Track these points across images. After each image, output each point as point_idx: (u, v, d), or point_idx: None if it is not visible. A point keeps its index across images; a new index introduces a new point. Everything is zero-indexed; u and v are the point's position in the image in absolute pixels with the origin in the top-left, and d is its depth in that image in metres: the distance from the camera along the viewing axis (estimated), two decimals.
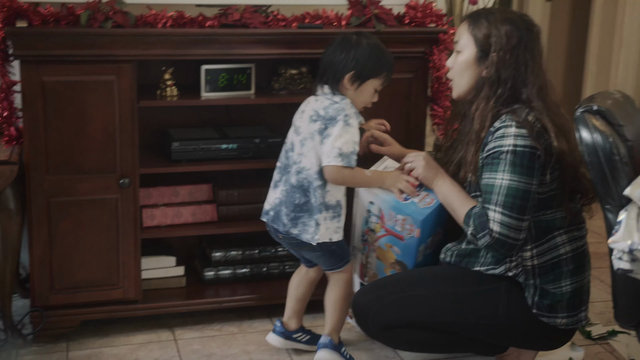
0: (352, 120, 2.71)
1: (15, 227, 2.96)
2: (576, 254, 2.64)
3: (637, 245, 2.06)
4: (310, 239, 2.76)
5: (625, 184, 2.20)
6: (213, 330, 3.20)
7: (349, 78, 2.73)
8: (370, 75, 2.75)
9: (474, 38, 2.61)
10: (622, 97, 2.51)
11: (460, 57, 2.65)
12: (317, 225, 2.75)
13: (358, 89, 2.76)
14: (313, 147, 2.73)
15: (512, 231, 2.48)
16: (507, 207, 2.48)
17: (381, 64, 2.76)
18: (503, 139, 2.50)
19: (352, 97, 2.77)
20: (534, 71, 2.57)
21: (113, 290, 3.10)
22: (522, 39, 2.56)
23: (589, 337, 3.21)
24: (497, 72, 2.56)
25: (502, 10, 2.66)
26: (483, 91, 2.60)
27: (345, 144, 2.68)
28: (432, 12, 3.28)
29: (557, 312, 2.62)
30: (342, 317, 2.92)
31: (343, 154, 2.67)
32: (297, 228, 2.78)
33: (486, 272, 2.66)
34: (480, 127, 2.58)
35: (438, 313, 2.66)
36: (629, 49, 4.89)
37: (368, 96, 2.80)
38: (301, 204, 2.76)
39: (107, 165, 2.99)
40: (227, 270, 3.36)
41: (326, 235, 2.76)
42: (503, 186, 2.49)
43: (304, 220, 2.76)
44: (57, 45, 2.85)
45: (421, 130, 3.29)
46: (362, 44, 2.74)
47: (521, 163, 2.48)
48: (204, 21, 3.03)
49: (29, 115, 2.88)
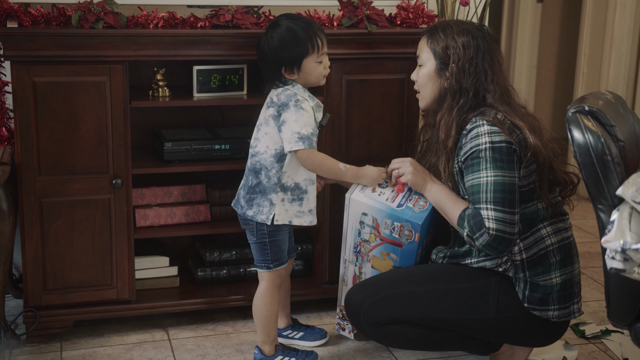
0: (304, 104, 2.74)
1: (7, 227, 2.95)
2: (562, 245, 2.67)
3: (630, 245, 2.07)
4: (265, 219, 2.77)
5: (617, 184, 2.21)
6: (207, 330, 3.20)
7: (284, 72, 2.77)
8: (299, 57, 2.76)
9: (432, 51, 2.70)
10: (614, 98, 2.52)
11: (422, 71, 2.74)
12: (271, 205, 2.77)
13: (300, 72, 2.78)
14: (267, 132, 2.77)
15: (507, 226, 2.51)
16: (497, 202, 2.51)
17: (302, 42, 2.75)
18: (478, 138, 2.55)
19: (303, 81, 2.80)
20: (494, 79, 2.65)
21: (106, 290, 3.10)
22: (479, 49, 2.65)
23: (583, 336, 3.22)
24: (458, 82, 2.65)
25: (459, 23, 2.72)
26: (446, 101, 2.68)
27: (303, 127, 2.71)
28: (423, 13, 3.29)
29: (549, 304, 2.65)
30: (266, 327, 2.88)
31: (302, 136, 2.70)
32: (252, 209, 2.80)
33: (476, 264, 2.69)
34: (445, 137, 2.65)
35: (429, 309, 2.67)
36: (620, 49, 4.91)
37: (315, 71, 2.80)
38: (254, 186, 2.79)
39: (99, 166, 2.99)
40: (221, 270, 3.36)
41: (285, 217, 2.79)
42: (489, 183, 2.52)
43: (257, 201, 2.79)
44: (48, 46, 2.84)
45: (413, 131, 3.30)
46: (274, 36, 2.75)
47: (501, 158, 2.53)
48: (196, 22, 3.03)
49: (21, 116, 2.87)
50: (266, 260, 2.85)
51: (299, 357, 2.91)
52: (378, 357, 3.05)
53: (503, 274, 2.66)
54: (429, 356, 3.04)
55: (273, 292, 2.87)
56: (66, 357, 3.00)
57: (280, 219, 2.78)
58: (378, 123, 3.24)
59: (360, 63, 3.18)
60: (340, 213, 3.25)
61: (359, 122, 3.22)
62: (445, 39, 2.67)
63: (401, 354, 3.06)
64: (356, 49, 3.15)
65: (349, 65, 3.16)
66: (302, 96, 2.76)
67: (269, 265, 2.85)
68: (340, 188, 3.14)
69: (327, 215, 3.27)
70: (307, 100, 2.77)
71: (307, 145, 2.71)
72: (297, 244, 3.41)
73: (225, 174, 3.43)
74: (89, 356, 3.00)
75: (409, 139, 3.30)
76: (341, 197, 3.03)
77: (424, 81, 2.74)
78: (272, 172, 2.76)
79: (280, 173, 2.76)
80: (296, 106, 2.72)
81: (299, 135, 2.70)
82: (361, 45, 3.15)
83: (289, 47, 2.74)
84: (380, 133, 3.26)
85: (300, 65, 2.77)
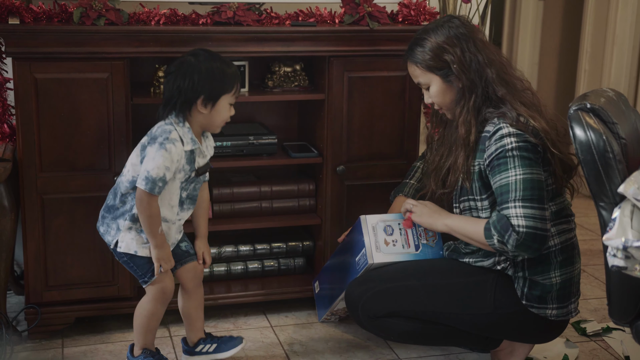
0: (170, 146, 2.57)
1: (9, 224, 2.95)
2: (565, 246, 2.66)
3: (631, 242, 2.07)
4: (110, 240, 2.71)
5: (619, 182, 2.21)
6: (208, 327, 3.20)
7: (201, 102, 2.62)
8: (222, 92, 2.65)
9: (427, 69, 2.65)
10: (615, 95, 2.52)
11: (432, 91, 2.68)
12: (117, 230, 2.69)
13: (213, 109, 2.64)
14: (131, 156, 2.67)
15: (538, 221, 2.48)
16: (527, 199, 2.48)
17: (229, 78, 2.66)
18: (503, 139, 2.53)
19: (209, 120, 2.66)
20: (486, 60, 2.62)
21: (108, 287, 3.10)
22: (460, 38, 2.62)
23: (584, 334, 3.22)
24: (467, 77, 2.61)
25: (427, 28, 2.68)
26: (462, 99, 2.64)
27: (155, 168, 2.56)
28: (425, 10, 3.29)
29: (547, 303, 2.65)
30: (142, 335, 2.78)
31: (148, 178, 2.56)
32: (102, 227, 2.73)
33: (474, 264, 2.69)
34: (466, 132, 2.63)
35: (427, 303, 2.68)
36: (622, 47, 4.90)
37: (225, 113, 2.68)
38: (109, 205, 2.71)
39: (100, 163, 2.99)
40: (222, 267, 3.36)
41: (129, 246, 2.68)
42: (518, 181, 2.50)
43: (107, 221, 2.71)
44: (49, 42, 2.84)
45: (415, 128, 3.30)
46: (202, 64, 2.63)
47: (529, 156, 2.52)
48: (197, 19, 3.03)
49: (22, 113, 2.87)
50: (140, 276, 2.72)
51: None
52: (379, 353, 3.05)
53: (501, 271, 2.67)
54: (430, 352, 3.05)
55: (152, 305, 2.74)
56: (67, 353, 3.00)
57: (124, 246, 2.68)
58: (379, 120, 3.24)
59: (362, 60, 3.17)
60: (340, 213, 3.26)
61: (360, 120, 3.22)
62: (429, 50, 2.63)
63: (401, 350, 3.06)
64: (358, 46, 3.14)
65: (351, 63, 3.16)
66: (179, 137, 2.61)
67: (144, 280, 2.72)
68: (341, 187, 3.15)
69: (328, 213, 3.27)
70: (182, 143, 2.61)
71: (148, 188, 2.55)
72: (298, 241, 3.41)
73: (226, 171, 3.43)
74: (90, 353, 3.00)
75: (411, 136, 3.30)
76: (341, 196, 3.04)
77: (441, 98, 2.68)
78: (128, 199, 2.67)
79: (133, 202, 2.65)
80: (161, 145, 2.57)
81: (146, 175, 2.55)
82: (363, 42, 3.15)
83: (217, 78, 2.62)
84: (382, 130, 3.25)
85: (217, 101, 2.64)
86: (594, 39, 5.07)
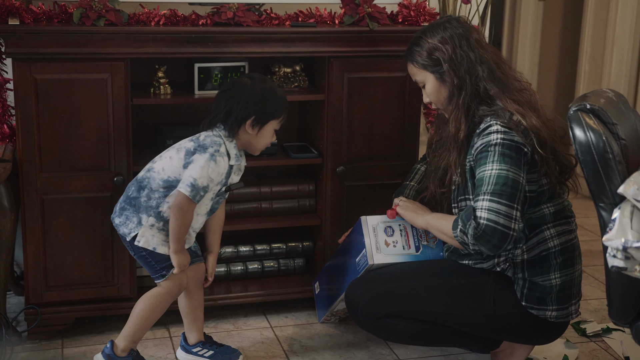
0: (220, 159, 2.67)
1: (9, 224, 2.95)
2: (565, 247, 2.66)
3: (631, 243, 2.07)
4: (126, 232, 2.71)
5: (618, 182, 2.21)
6: (208, 328, 3.20)
7: (250, 123, 2.72)
8: (271, 117, 2.75)
9: (422, 67, 2.70)
10: (615, 96, 2.52)
11: (427, 89, 2.72)
12: (138, 224, 2.70)
13: (259, 132, 2.74)
14: (172, 157, 2.70)
15: (501, 217, 2.45)
16: (495, 193, 2.47)
17: (279, 106, 2.76)
18: (490, 135, 2.54)
19: (253, 141, 2.76)
20: (478, 58, 2.63)
21: (107, 287, 3.10)
22: (453, 38, 2.64)
23: (584, 335, 3.22)
24: (457, 75, 2.63)
25: (426, 28, 2.72)
26: (454, 96, 2.66)
27: (202, 177, 2.63)
28: (425, 10, 3.29)
29: (547, 304, 2.65)
30: (137, 328, 2.78)
31: (194, 186, 2.62)
32: (120, 218, 2.74)
33: (474, 265, 2.70)
34: (455, 130, 2.64)
35: (427, 304, 2.68)
36: (622, 47, 4.90)
37: (268, 137, 2.78)
38: (132, 197, 2.72)
39: (100, 163, 2.99)
40: (222, 267, 3.36)
41: (149, 242, 2.70)
42: (492, 175, 2.50)
43: (127, 213, 2.72)
44: (49, 43, 2.84)
45: (415, 128, 3.30)
46: (257, 86, 2.73)
47: (510, 154, 2.51)
48: (197, 19, 3.03)
49: (22, 113, 2.87)
50: (157, 270, 2.75)
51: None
52: (379, 353, 3.05)
53: (501, 273, 2.67)
54: (429, 353, 3.05)
55: (164, 299, 2.78)
56: (67, 354, 3.00)
57: (143, 241, 2.70)
58: (379, 121, 3.24)
59: (362, 61, 3.17)
60: (340, 213, 3.26)
61: (361, 120, 3.22)
62: (424, 49, 2.67)
63: (401, 350, 3.06)
64: (358, 47, 3.15)
65: (351, 63, 3.16)
66: (227, 152, 2.71)
67: (162, 274, 2.74)
68: (341, 187, 3.15)
69: (328, 214, 3.27)
70: (228, 158, 2.71)
71: (191, 195, 2.62)
72: (298, 242, 3.41)
73: None
74: (90, 353, 3.00)
75: (411, 137, 3.30)
76: (341, 197, 3.04)
77: (436, 96, 2.71)
78: (155, 195, 2.69)
79: (161, 200, 2.69)
80: (212, 156, 2.66)
81: (192, 181, 2.62)
82: (363, 43, 3.15)
83: (268, 103, 2.73)
84: (382, 131, 3.25)
85: (265, 125, 2.74)
86: (593, 40, 5.07)
